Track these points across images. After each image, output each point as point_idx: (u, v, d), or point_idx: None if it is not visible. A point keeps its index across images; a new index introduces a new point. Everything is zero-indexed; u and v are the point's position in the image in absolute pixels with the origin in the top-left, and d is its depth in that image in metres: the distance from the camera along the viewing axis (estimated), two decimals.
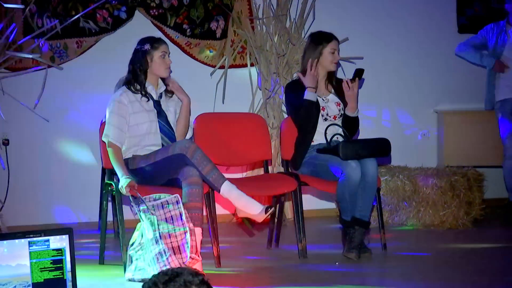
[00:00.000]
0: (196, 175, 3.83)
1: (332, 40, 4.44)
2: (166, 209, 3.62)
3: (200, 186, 3.82)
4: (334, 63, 4.46)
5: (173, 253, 3.52)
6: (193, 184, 3.81)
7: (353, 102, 4.37)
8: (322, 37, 4.47)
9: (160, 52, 4.12)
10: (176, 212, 3.60)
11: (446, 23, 6.33)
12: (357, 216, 4.20)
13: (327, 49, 4.42)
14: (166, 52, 4.15)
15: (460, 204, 5.28)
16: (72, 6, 5.36)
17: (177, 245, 3.53)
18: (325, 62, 4.44)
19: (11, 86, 5.31)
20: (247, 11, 5.77)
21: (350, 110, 4.39)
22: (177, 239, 3.54)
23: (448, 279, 3.71)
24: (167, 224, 3.57)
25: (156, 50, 4.12)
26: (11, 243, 3.04)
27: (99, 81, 5.53)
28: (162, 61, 4.13)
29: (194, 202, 3.78)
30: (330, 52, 4.42)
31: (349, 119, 4.41)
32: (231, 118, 4.76)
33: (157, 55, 4.12)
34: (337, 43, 4.48)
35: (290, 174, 4.42)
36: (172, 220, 3.59)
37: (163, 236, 3.54)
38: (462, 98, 6.30)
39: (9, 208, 5.30)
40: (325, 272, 3.94)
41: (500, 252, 4.48)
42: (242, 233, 5.24)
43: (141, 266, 3.63)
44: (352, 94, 4.35)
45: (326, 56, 4.43)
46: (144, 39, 4.20)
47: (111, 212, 5.13)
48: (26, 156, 5.46)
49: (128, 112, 4.07)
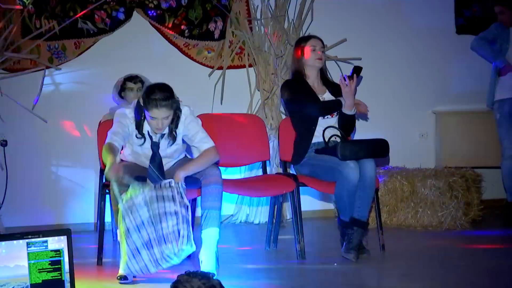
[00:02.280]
0: (216, 174, 3.83)
1: (310, 39, 4.47)
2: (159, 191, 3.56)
3: (220, 185, 3.82)
4: (318, 59, 4.43)
5: (157, 243, 3.47)
6: (212, 184, 3.80)
7: (350, 99, 4.31)
8: (300, 39, 4.55)
9: (151, 115, 3.78)
10: (168, 194, 3.54)
11: (444, 24, 6.34)
12: (355, 216, 4.20)
13: (307, 47, 4.43)
14: (158, 117, 3.76)
15: (458, 205, 5.29)
16: (70, 7, 5.36)
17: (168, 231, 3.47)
18: (309, 61, 4.44)
19: (9, 87, 5.31)
20: (245, 12, 5.77)
21: (347, 107, 4.33)
22: (167, 224, 3.48)
23: (446, 280, 3.71)
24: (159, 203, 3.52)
25: (148, 111, 3.78)
26: (9, 244, 3.04)
27: (97, 82, 5.53)
28: (151, 121, 3.83)
29: (213, 201, 3.78)
30: (311, 49, 4.43)
31: (346, 117, 4.37)
32: (229, 119, 4.75)
33: (148, 115, 3.81)
34: (318, 41, 4.46)
35: (289, 175, 4.42)
36: (164, 200, 3.53)
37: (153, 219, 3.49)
38: (460, 99, 6.31)
39: (7, 209, 5.30)
40: (323, 273, 3.94)
41: (498, 253, 4.48)
42: (241, 234, 5.24)
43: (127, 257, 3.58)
44: (349, 91, 4.29)
45: (308, 54, 4.43)
46: (146, 94, 3.80)
47: (108, 213, 5.12)
48: (24, 157, 5.45)
49: (129, 123, 3.91)
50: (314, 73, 4.48)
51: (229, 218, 5.74)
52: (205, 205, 3.79)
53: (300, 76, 4.46)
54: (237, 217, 5.73)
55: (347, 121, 4.37)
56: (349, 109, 4.34)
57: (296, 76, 4.49)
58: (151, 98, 3.75)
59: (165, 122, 3.84)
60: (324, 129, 4.33)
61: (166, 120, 3.83)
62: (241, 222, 5.71)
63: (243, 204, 5.72)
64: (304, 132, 4.42)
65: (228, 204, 5.74)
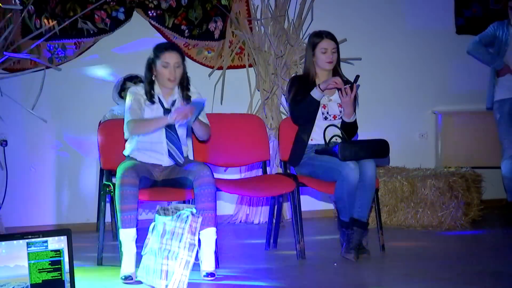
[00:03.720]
0: (207, 175, 3.83)
1: (322, 39, 4.40)
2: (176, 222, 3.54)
3: (212, 185, 3.83)
4: (327, 62, 4.41)
5: (153, 274, 3.49)
6: (205, 184, 3.81)
7: (348, 108, 4.34)
8: (314, 37, 4.45)
9: (162, 62, 3.94)
10: (179, 231, 3.52)
11: (444, 24, 6.34)
12: (355, 217, 4.20)
13: (318, 48, 4.41)
14: (169, 62, 3.92)
15: (458, 205, 5.29)
16: (70, 7, 5.36)
17: (166, 269, 3.46)
18: (319, 62, 4.42)
19: (10, 87, 5.31)
20: (245, 12, 5.78)
21: (346, 116, 4.37)
22: (167, 262, 3.47)
23: (446, 280, 3.71)
24: (167, 239, 3.51)
25: (159, 59, 3.95)
26: (10, 244, 3.04)
27: (97, 82, 5.53)
28: (163, 71, 3.95)
29: (207, 202, 3.79)
30: (321, 52, 4.41)
31: (347, 125, 4.40)
32: (229, 119, 4.75)
33: (159, 65, 3.95)
34: (331, 42, 4.39)
35: (288, 175, 4.42)
36: (173, 237, 3.50)
37: (162, 252, 3.50)
38: (460, 99, 6.31)
39: (7, 209, 5.30)
40: (323, 273, 3.94)
41: (498, 253, 4.48)
42: (241, 234, 5.24)
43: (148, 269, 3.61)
44: (347, 100, 4.30)
45: (318, 56, 4.42)
46: (154, 47, 4.02)
47: (109, 213, 5.13)
48: (24, 157, 5.45)
49: (141, 99, 3.98)
50: (324, 73, 4.46)
51: (229, 218, 5.74)
52: (200, 207, 3.79)
53: (308, 74, 4.45)
54: (237, 217, 5.73)
55: (347, 128, 4.39)
56: (348, 117, 4.37)
57: (305, 72, 4.48)
58: (160, 45, 3.98)
59: (178, 72, 3.96)
60: (325, 128, 4.33)
61: (178, 69, 3.96)
62: (241, 222, 5.71)
63: (243, 204, 5.72)
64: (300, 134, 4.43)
65: (228, 204, 5.74)
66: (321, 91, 4.32)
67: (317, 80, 4.43)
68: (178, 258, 3.45)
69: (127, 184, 3.73)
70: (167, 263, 3.45)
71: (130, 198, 3.72)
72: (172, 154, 3.98)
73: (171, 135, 3.98)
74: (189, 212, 3.53)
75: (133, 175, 3.76)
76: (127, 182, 3.73)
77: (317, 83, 4.40)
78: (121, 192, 3.72)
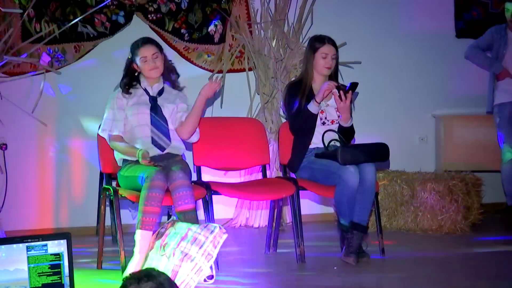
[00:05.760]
0: (179, 177, 3.79)
1: (324, 44, 4.40)
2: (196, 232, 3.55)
3: (187, 186, 3.79)
4: (326, 68, 4.41)
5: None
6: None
7: (344, 114, 4.36)
8: (315, 41, 4.45)
9: (140, 58, 4.09)
10: (202, 238, 3.52)
11: (444, 28, 6.34)
12: (355, 220, 4.20)
13: (318, 53, 4.41)
14: (147, 55, 4.07)
15: (458, 208, 5.28)
16: (70, 11, 5.36)
17: (177, 269, 3.45)
18: (317, 67, 4.42)
19: (9, 91, 5.30)
20: (245, 15, 5.78)
21: (343, 121, 4.39)
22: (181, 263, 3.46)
23: (446, 284, 3.71)
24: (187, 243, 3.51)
25: (137, 56, 4.11)
26: (9, 248, 3.04)
27: (97, 85, 5.53)
28: (144, 65, 4.09)
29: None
30: (322, 57, 4.41)
31: (344, 129, 4.41)
32: (229, 122, 4.76)
33: (139, 62, 4.10)
34: (331, 48, 4.40)
35: (288, 179, 4.42)
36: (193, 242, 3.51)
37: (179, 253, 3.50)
38: (460, 103, 6.31)
39: (7, 212, 5.29)
40: (323, 277, 3.94)
41: (498, 256, 4.48)
42: (240, 237, 5.24)
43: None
44: (344, 106, 4.32)
45: (318, 60, 4.42)
46: (130, 47, 4.18)
47: (109, 217, 5.12)
48: (24, 160, 5.45)
49: (125, 105, 4.09)
50: (321, 78, 4.47)
51: (228, 221, 5.73)
52: (179, 209, 3.76)
53: (303, 78, 4.44)
54: (237, 221, 5.72)
55: (345, 133, 4.39)
56: (345, 122, 4.39)
57: (301, 76, 4.48)
58: (135, 43, 4.13)
59: (158, 60, 4.09)
60: (324, 133, 4.34)
61: (157, 58, 4.08)
62: (240, 225, 5.70)
63: (243, 208, 5.71)
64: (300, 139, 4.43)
65: (227, 208, 5.74)
66: (317, 104, 4.32)
67: (313, 84, 4.44)
68: (193, 262, 3.45)
69: (157, 187, 3.72)
70: (180, 264, 3.45)
71: (156, 201, 3.71)
72: (156, 141, 4.01)
73: (156, 120, 4.06)
74: (217, 226, 3.55)
75: (164, 179, 3.76)
76: (158, 185, 3.72)
77: (313, 86, 4.41)
78: (149, 194, 3.70)
